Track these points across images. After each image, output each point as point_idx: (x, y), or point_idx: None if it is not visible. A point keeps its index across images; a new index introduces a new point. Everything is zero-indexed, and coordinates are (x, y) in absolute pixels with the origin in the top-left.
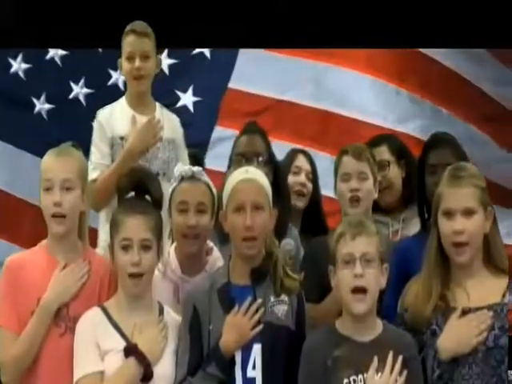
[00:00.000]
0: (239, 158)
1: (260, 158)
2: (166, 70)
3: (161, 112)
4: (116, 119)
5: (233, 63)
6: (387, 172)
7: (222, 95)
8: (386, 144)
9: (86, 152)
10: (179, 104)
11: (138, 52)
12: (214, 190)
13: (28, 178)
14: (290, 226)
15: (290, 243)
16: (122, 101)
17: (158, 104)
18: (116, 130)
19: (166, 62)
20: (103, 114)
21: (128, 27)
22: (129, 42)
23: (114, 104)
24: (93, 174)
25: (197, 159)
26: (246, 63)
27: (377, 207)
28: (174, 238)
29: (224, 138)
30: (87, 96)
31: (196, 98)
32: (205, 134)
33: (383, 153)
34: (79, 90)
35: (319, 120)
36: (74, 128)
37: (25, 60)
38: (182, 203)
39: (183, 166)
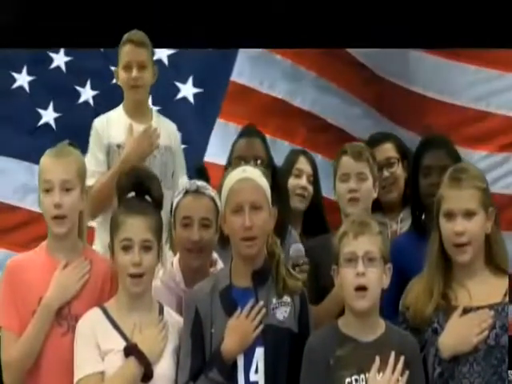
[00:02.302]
0: (238, 162)
1: (258, 162)
2: (165, 61)
3: (157, 120)
4: (113, 127)
5: (234, 57)
6: (395, 169)
7: (225, 88)
8: (391, 142)
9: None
10: (179, 96)
11: (135, 62)
12: (219, 204)
13: None
14: (290, 228)
15: (300, 248)
16: (119, 109)
17: (154, 111)
18: (112, 138)
19: (165, 52)
20: (100, 121)
21: (125, 36)
22: (126, 52)
23: (111, 112)
24: (88, 182)
25: (202, 173)
26: (247, 60)
27: (376, 207)
28: (178, 250)
29: (227, 131)
30: (94, 98)
31: (197, 90)
32: (207, 126)
33: (389, 150)
34: (87, 94)
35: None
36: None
37: (29, 72)
38: (186, 218)
39: (188, 180)
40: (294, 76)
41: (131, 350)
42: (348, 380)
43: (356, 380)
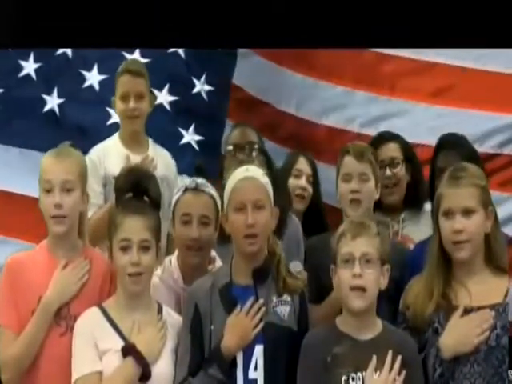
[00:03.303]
0: (231, 150)
1: (254, 151)
2: (183, 54)
3: (154, 150)
4: (109, 158)
5: (234, 61)
6: (399, 170)
7: (229, 89)
8: (398, 142)
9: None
10: (195, 90)
11: (133, 92)
12: (218, 201)
13: None
14: (290, 214)
15: (299, 265)
16: (116, 139)
17: (150, 141)
18: (109, 169)
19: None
20: (96, 152)
21: (122, 66)
22: (123, 82)
23: (107, 142)
24: None
25: (201, 171)
26: (243, 63)
27: (377, 206)
28: (176, 248)
29: None
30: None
31: (209, 88)
32: (218, 124)
33: (394, 150)
34: (93, 80)
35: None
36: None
37: (36, 60)
38: (186, 215)
39: (187, 178)
40: (281, 78)
41: (129, 350)
42: (345, 378)
43: (353, 378)
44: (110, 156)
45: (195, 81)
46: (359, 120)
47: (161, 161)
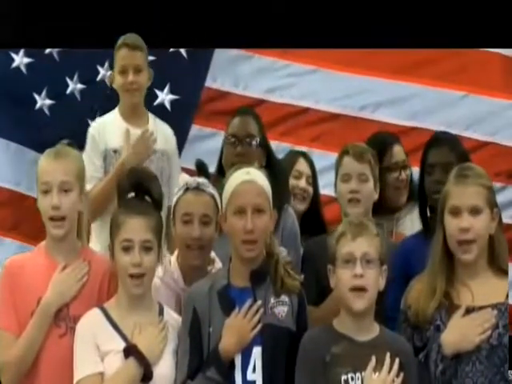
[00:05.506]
0: (231, 139)
1: (254, 142)
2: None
3: (154, 123)
4: (109, 132)
5: (208, 62)
6: (408, 171)
7: (200, 94)
8: (400, 144)
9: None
10: (157, 102)
11: (131, 65)
12: (219, 201)
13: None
14: (286, 206)
15: (283, 250)
16: (115, 113)
17: (150, 115)
18: (109, 143)
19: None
20: (96, 126)
21: (120, 40)
22: (121, 56)
23: (107, 116)
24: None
25: (202, 169)
26: (222, 62)
27: (374, 209)
28: (177, 247)
29: (202, 136)
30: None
31: (174, 96)
32: (182, 132)
33: (401, 152)
34: (74, 86)
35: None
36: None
37: (27, 54)
38: (187, 215)
39: (188, 177)
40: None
41: (131, 351)
42: (344, 377)
43: (352, 378)
44: (110, 130)
45: (157, 92)
46: None
47: (160, 135)
